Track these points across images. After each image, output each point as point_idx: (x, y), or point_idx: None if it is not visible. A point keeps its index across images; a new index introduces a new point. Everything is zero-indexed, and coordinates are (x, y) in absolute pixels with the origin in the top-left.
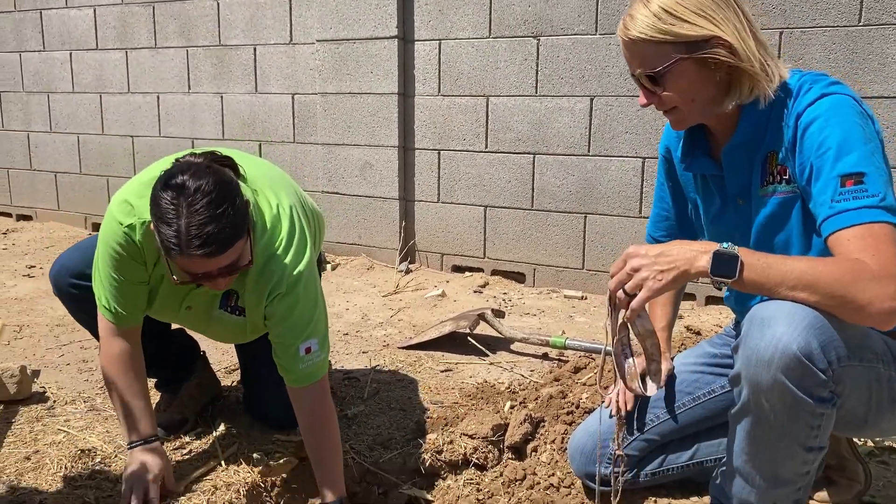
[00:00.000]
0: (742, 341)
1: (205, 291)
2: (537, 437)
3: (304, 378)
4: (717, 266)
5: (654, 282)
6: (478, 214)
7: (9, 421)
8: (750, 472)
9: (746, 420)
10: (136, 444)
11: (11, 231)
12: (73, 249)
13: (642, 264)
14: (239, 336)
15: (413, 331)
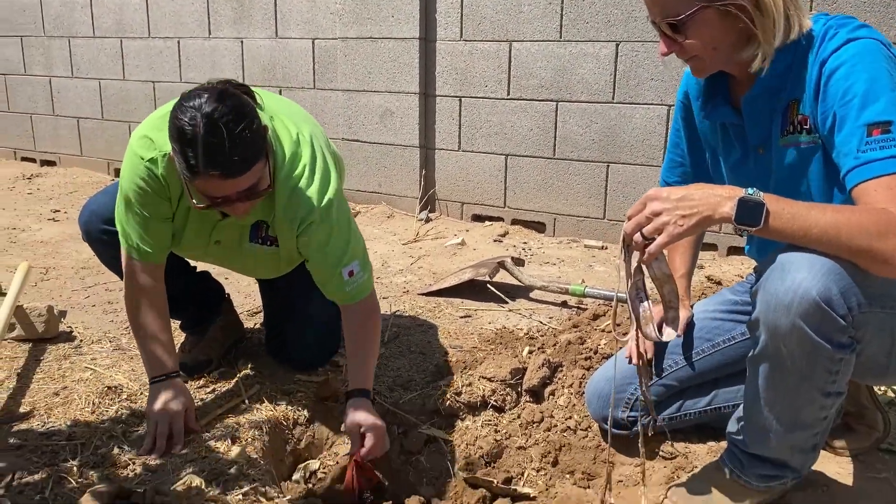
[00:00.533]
0: (762, 286)
1: (232, 223)
2: (555, 381)
3: (351, 298)
4: (742, 213)
5: (674, 227)
6: (499, 163)
7: (37, 358)
8: (768, 417)
9: (765, 365)
10: (159, 380)
11: (36, 176)
12: (100, 195)
13: (663, 208)
14: (273, 269)
15: (433, 278)
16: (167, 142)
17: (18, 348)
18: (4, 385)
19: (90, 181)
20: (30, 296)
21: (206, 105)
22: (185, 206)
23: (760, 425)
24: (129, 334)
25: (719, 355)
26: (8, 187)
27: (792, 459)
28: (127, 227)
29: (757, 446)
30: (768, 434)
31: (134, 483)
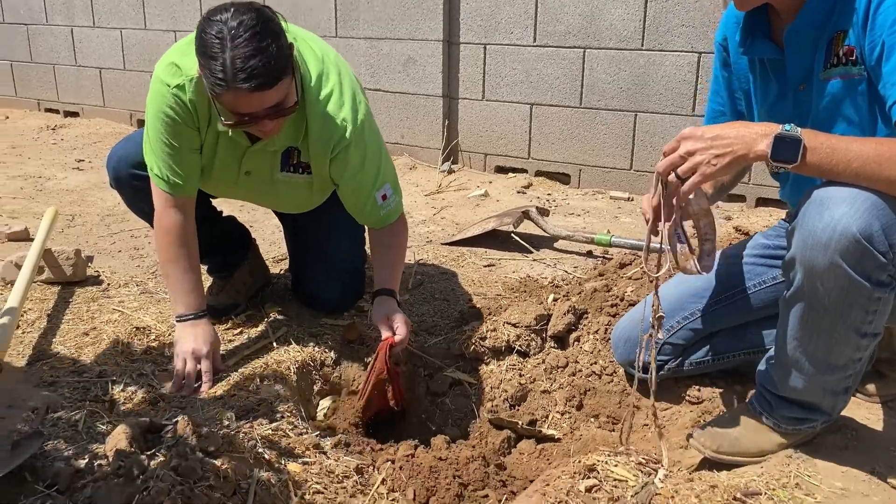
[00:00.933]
0: (798, 223)
1: (262, 151)
2: (580, 327)
3: (383, 221)
4: (778, 150)
5: (708, 167)
6: (523, 113)
7: (66, 300)
8: (800, 359)
9: (799, 305)
10: (187, 318)
11: (60, 127)
12: (127, 141)
13: (697, 147)
14: (305, 200)
15: (456, 228)
16: (194, 66)
17: (48, 290)
18: (35, 325)
19: (113, 132)
20: (57, 241)
21: (233, 19)
22: (214, 136)
23: (792, 367)
24: (156, 279)
25: (750, 299)
26: (33, 138)
27: (823, 402)
28: (157, 159)
29: (787, 388)
30: (800, 376)
31: (164, 418)
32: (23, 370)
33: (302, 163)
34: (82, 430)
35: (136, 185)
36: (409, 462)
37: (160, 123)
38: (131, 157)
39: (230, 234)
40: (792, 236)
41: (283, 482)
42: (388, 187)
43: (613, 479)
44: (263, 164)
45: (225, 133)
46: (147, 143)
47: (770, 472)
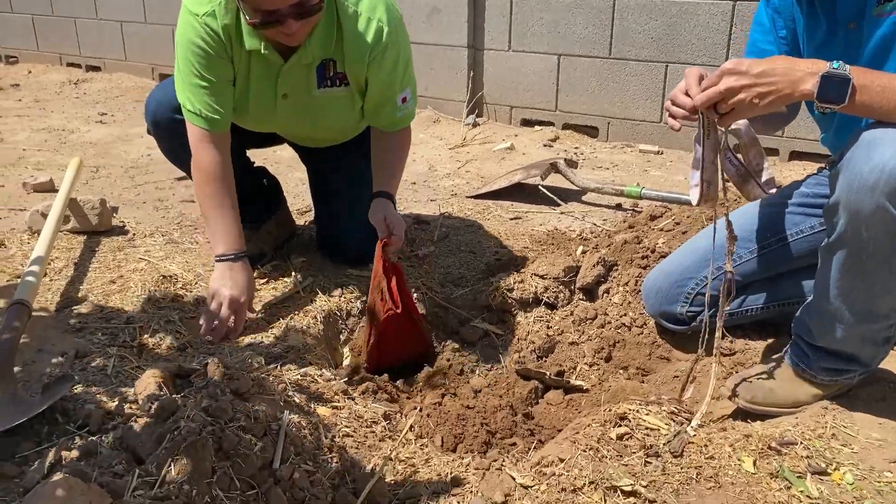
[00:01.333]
0: (844, 166)
1: (297, 65)
2: (610, 279)
3: (397, 123)
4: (826, 89)
5: (749, 106)
6: (550, 64)
7: (92, 249)
8: (840, 307)
9: (842, 251)
10: (227, 258)
11: (82, 81)
12: (165, 84)
13: (741, 84)
14: (346, 119)
15: (481, 182)
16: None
17: (74, 240)
18: (63, 273)
19: (135, 86)
20: (82, 192)
21: None
22: (246, 64)
23: (831, 316)
24: (181, 229)
25: (786, 249)
26: (56, 91)
27: (862, 352)
28: (190, 95)
29: (826, 338)
30: (840, 325)
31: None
32: (52, 316)
33: (339, 74)
34: (111, 374)
35: (176, 129)
36: (437, 410)
37: (192, 56)
38: (171, 101)
39: (262, 185)
40: (836, 180)
41: (314, 424)
42: (409, 91)
43: (645, 428)
44: (300, 81)
45: (258, 55)
46: (179, 79)
47: (805, 422)
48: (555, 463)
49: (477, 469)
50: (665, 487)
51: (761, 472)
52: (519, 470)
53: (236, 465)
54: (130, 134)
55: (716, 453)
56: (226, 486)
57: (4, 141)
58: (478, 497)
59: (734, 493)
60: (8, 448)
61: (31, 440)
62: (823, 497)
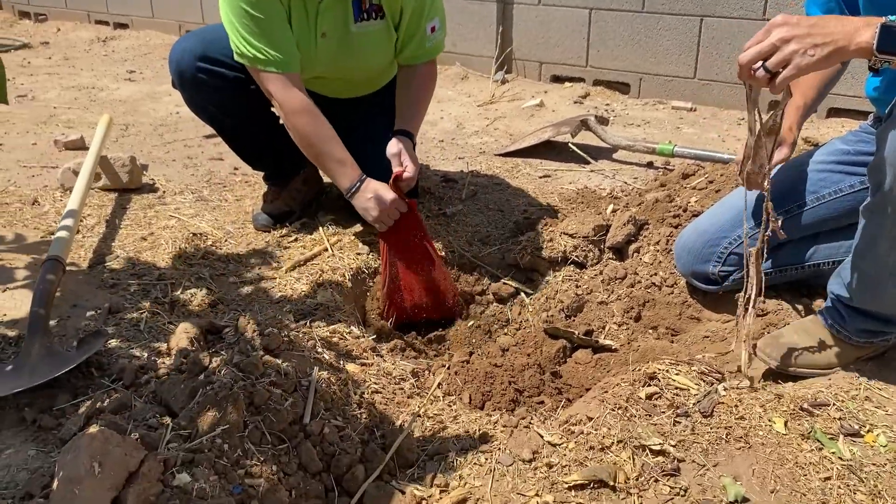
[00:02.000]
0: (892, 122)
1: (334, 4)
2: (640, 238)
3: (426, 54)
4: (885, 40)
5: (804, 58)
6: (581, 18)
7: (123, 207)
8: (880, 268)
9: (885, 211)
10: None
11: (110, 39)
12: (189, 36)
13: (793, 35)
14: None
15: (509, 139)
16: None
17: (105, 197)
18: (95, 230)
19: (162, 43)
20: (112, 150)
21: None
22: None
23: (871, 276)
24: (210, 186)
25: (824, 208)
26: (84, 49)
27: None
28: (257, 43)
29: (863, 299)
30: (879, 286)
31: (223, 320)
32: (85, 272)
33: (374, 5)
34: (144, 329)
35: (201, 79)
36: (465, 367)
37: (248, 4)
38: (196, 49)
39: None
40: (884, 137)
41: (343, 381)
42: (437, 20)
43: (675, 388)
44: (338, 17)
45: None
46: (238, 34)
47: (838, 383)
48: (583, 421)
49: (505, 426)
50: (694, 447)
51: (792, 434)
52: (547, 428)
53: (267, 419)
54: (159, 92)
55: (746, 414)
56: (257, 439)
57: (36, 99)
58: (506, 454)
59: (764, 454)
60: (46, 401)
61: (68, 393)
62: (856, 459)
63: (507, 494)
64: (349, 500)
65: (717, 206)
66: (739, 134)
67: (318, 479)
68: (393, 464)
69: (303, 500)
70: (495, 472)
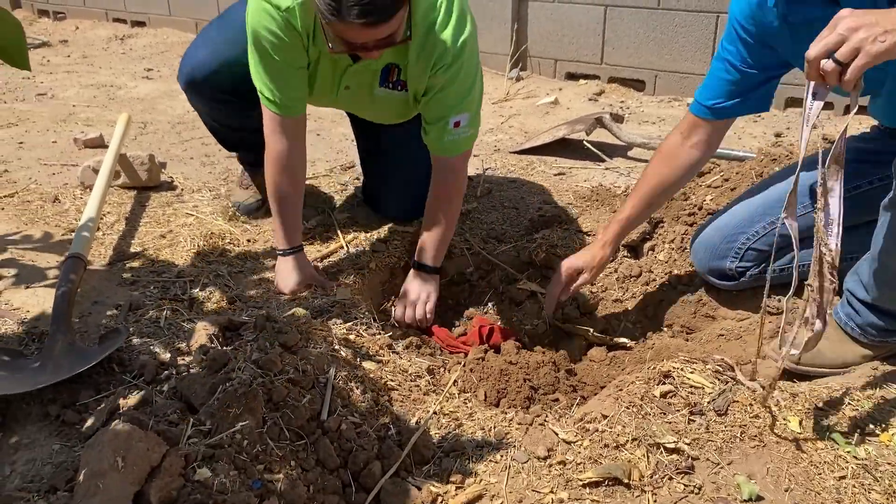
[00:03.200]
0: None
1: (363, 69)
2: (655, 236)
3: (445, 150)
4: None
5: (874, 44)
6: (597, 15)
7: (142, 205)
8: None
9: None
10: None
11: (128, 37)
12: (205, 41)
13: (861, 23)
14: (400, 114)
15: (524, 137)
16: None
17: (125, 195)
18: (114, 228)
19: (179, 41)
20: (130, 148)
21: None
22: (317, 53)
23: (891, 273)
24: (228, 184)
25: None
26: (102, 47)
27: None
28: (268, 82)
29: (882, 296)
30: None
31: (242, 316)
32: (106, 269)
33: (400, 81)
34: (164, 326)
35: (208, 95)
36: (480, 365)
37: (268, 44)
38: (211, 65)
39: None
40: None
41: (360, 378)
42: (466, 117)
43: (689, 386)
44: (363, 80)
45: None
46: (254, 61)
47: (854, 382)
48: (598, 419)
49: (520, 424)
50: (708, 445)
51: (807, 433)
52: (562, 425)
53: (285, 416)
54: (175, 90)
55: (761, 412)
56: (276, 435)
57: (56, 97)
58: (521, 451)
59: (779, 453)
60: (69, 396)
61: (91, 389)
62: (871, 458)
63: (523, 491)
64: (366, 496)
65: (735, 202)
66: (755, 131)
67: (336, 475)
68: (409, 460)
69: (321, 495)
70: (510, 470)
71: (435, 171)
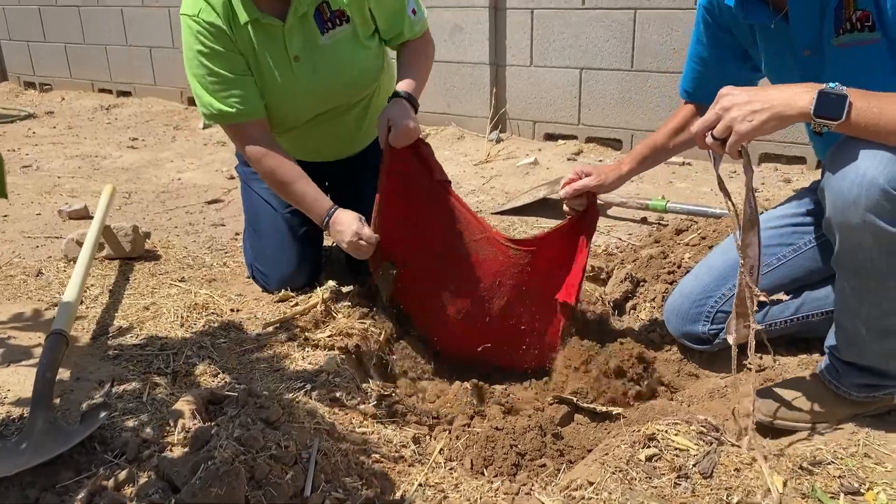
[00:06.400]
0: (825, 185)
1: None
2: (637, 295)
3: (416, 33)
4: (822, 105)
5: (744, 124)
6: (572, 78)
7: (126, 276)
8: (855, 324)
9: (844, 269)
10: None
11: (113, 107)
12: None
13: (734, 102)
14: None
15: (505, 197)
16: None
17: (108, 266)
18: (98, 300)
19: (165, 110)
20: (115, 218)
21: None
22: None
23: (851, 332)
24: (212, 252)
25: (786, 268)
26: (88, 118)
27: (889, 367)
28: (212, 97)
29: (850, 354)
30: (859, 341)
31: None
32: (88, 344)
33: (335, 12)
34: (147, 401)
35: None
36: (466, 431)
37: (205, 58)
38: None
39: None
40: (823, 195)
41: (343, 451)
42: (413, 2)
43: (674, 448)
44: (305, 38)
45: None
46: (197, 88)
47: (837, 440)
48: (584, 486)
49: (506, 494)
50: None
51: (792, 493)
52: (548, 494)
53: (268, 493)
54: (160, 158)
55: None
56: None
57: (41, 169)
58: None
59: None
60: (49, 478)
61: (71, 470)
62: None
63: None
64: None
65: (699, 267)
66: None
67: None
68: None
69: None
70: None
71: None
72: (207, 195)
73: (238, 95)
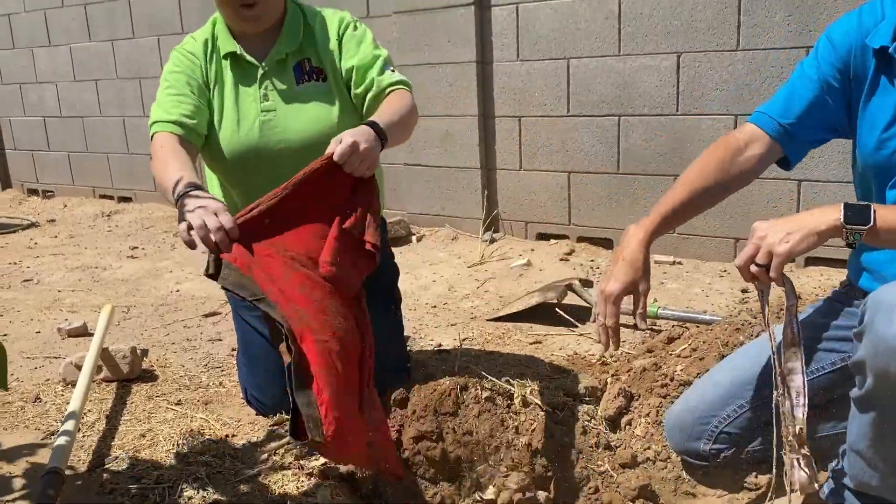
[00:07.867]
0: (867, 328)
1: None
2: (631, 410)
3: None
4: (851, 216)
5: (783, 245)
6: (561, 181)
7: (123, 400)
8: (874, 458)
9: (872, 408)
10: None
11: (114, 213)
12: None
13: (768, 230)
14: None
15: (500, 302)
16: None
17: (105, 389)
18: (95, 427)
19: (164, 215)
20: (113, 335)
21: None
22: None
23: (867, 464)
24: (209, 371)
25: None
26: (89, 225)
27: None
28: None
29: (862, 483)
30: (875, 474)
31: None
32: (84, 476)
33: (315, 69)
34: None
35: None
36: None
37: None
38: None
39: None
40: (861, 336)
41: None
42: (386, 62)
43: None
44: (281, 82)
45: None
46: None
47: None
48: None
49: None
50: None
51: None
52: None
53: None
54: (160, 268)
55: None
56: None
57: (41, 282)
58: None
59: None
60: None
61: None
62: None
63: None
64: None
65: (703, 382)
66: (721, 287)
67: None
68: None
69: None
70: None
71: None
72: (205, 307)
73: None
